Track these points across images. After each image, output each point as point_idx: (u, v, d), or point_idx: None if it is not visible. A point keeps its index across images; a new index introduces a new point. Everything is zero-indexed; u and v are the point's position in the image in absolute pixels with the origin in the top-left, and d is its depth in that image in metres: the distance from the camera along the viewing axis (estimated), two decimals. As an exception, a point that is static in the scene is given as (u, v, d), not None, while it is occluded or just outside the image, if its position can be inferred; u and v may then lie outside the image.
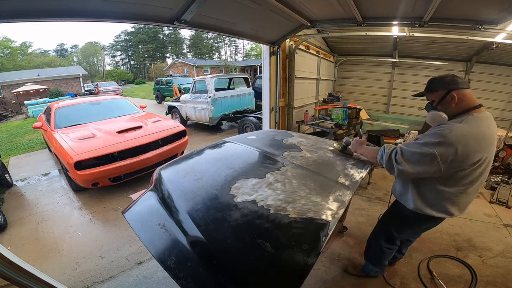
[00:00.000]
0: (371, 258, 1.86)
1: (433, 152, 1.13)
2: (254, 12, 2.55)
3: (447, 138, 1.12)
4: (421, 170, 1.19)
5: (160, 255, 0.94)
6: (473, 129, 1.14)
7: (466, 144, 1.12)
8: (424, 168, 1.18)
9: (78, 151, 3.15)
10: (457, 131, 1.13)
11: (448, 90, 1.22)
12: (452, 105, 1.23)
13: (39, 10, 1.46)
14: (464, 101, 1.21)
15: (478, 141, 1.14)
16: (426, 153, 1.15)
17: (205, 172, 1.40)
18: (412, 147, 1.21)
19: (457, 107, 1.22)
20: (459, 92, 1.21)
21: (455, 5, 2.26)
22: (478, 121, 1.17)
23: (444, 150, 1.12)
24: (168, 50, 61.99)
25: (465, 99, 1.21)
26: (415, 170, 1.20)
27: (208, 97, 6.34)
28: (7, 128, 10.33)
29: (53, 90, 19.94)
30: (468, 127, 1.14)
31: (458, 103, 1.21)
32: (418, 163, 1.18)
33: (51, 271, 2.16)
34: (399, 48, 5.72)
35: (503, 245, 2.31)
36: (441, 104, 1.27)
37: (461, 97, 1.21)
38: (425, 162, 1.16)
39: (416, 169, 1.19)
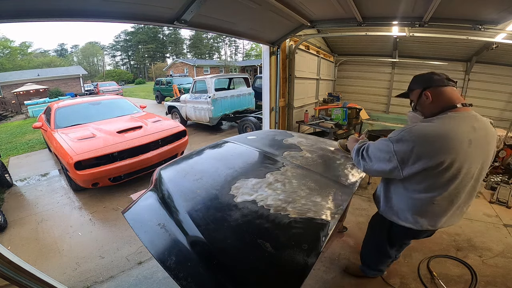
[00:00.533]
0: (367, 262, 1.85)
1: (391, 149, 1.08)
2: (254, 12, 2.55)
3: (405, 136, 1.05)
4: (380, 167, 1.14)
5: (160, 255, 0.94)
6: (437, 128, 1.03)
7: (423, 143, 1.02)
8: (382, 166, 1.13)
9: (78, 151, 3.15)
10: (417, 130, 1.04)
11: (422, 89, 1.14)
12: (427, 105, 1.14)
13: (39, 10, 1.46)
14: (441, 100, 1.10)
15: (440, 141, 1.01)
16: (385, 149, 1.11)
17: (205, 172, 1.40)
18: (377, 143, 1.18)
19: (433, 107, 1.12)
20: (435, 90, 1.11)
21: (455, 5, 2.26)
22: (449, 120, 1.04)
23: (400, 148, 1.06)
24: (168, 50, 62.00)
25: (442, 98, 1.10)
26: (375, 167, 1.15)
27: (208, 97, 6.34)
28: (7, 128, 10.33)
29: (53, 90, 19.93)
30: (431, 126, 1.04)
31: (434, 103, 1.11)
32: (377, 160, 1.14)
33: (51, 271, 2.16)
34: (399, 48, 5.72)
35: (503, 245, 2.31)
36: (418, 104, 1.20)
37: (437, 95, 1.11)
38: (384, 159, 1.12)
39: (376, 166, 1.15)
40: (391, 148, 1.08)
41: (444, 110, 1.08)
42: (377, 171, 1.16)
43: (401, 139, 1.06)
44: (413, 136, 1.04)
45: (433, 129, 1.02)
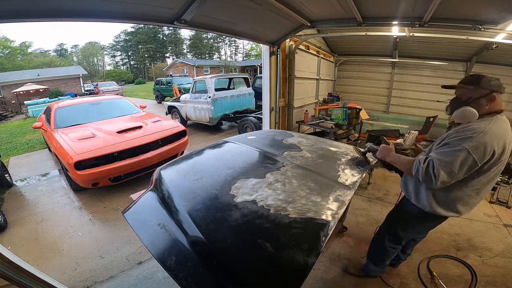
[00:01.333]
0: (373, 257, 1.86)
1: (471, 157, 1.16)
2: (254, 12, 2.55)
3: (481, 139, 1.16)
4: (462, 175, 1.22)
5: (160, 255, 0.94)
6: (500, 131, 1.21)
7: (497, 144, 1.17)
8: (464, 174, 1.21)
9: (78, 151, 3.15)
10: (489, 131, 1.18)
11: (491, 91, 1.26)
12: (487, 106, 1.27)
13: (39, 10, 1.46)
14: (497, 104, 1.28)
15: (504, 143, 1.20)
16: (464, 159, 1.17)
17: (205, 172, 1.40)
18: (447, 156, 1.20)
19: (490, 108, 1.27)
20: (498, 95, 1.28)
21: (455, 5, 2.26)
22: (502, 124, 1.24)
23: (480, 152, 1.16)
24: (168, 50, 61.99)
25: (498, 103, 1.28)
26: (458, 177, 1.22)
27: (208, 97, 6.34)
28: (7, 128, 10.33)
29: (53, 90, 19.92)
30: (497, 128, 1.20)
31: (493, 105, 1.27)
32: (459, 171, 1.19)
33: (51, 271, 2.16)
34: (399, 48, 5.72)
35: (503, 245, 2.31)
36: (477, 102, 1.28)
37: (497, 100, 1.27)
38: (465, 168, 1.19)
39: (459, 176, 1.21)
40: (472, 156, 1.16)
41: (495, 113, 1.27)
42: (460, 178, 1.24)
43: (478, 144, 1.16)
44: (488, 138, 1.17)
45: (499, 132, 1.20)
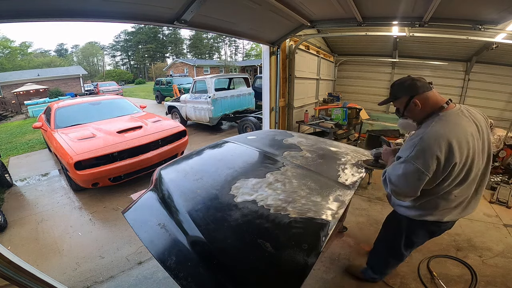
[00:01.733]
0: (373, 266, 1.82)
1: (415, 167, 1.08)
2: (254, 12, 2.55)
3: (421, 150, 1.07)
4: (415, 188, 1.13)
5: (160, 255, 0.94)
6: (443, 131, 1.08)
7: (439, 147, 1.06)
8: (416, 186, 1.12)
9: (78, 151, 3.15)
10: (426, 136, 1.09)
11: (410, 97, 1.20)
12: (418, 111, 1.19)
13: (39, 10, 1.46)
14: (429, 104, 1.18)
15: (448, 143, 1.06)
16: (410, 171, 1.10)
17: (205, 172, 1.40)
18: (396, 169, 1.16)
19: (422, 112, 1.19)
20: (421, 96, 1.18)
21: (455, 5, 2.26)
22: (447, 120, 1.12)
23: (422, 161, 1.07)
24: (168, 50, 61.98)
25: (429, 102, 1.18)
26: (410, 190, 1.14)
27: (208, 97, 6.34)
28: (7, 128, 10.33)
29: (53, 90, 19.92)
30: (439, 128, 1.09)
31: (424, 108, 1.18)
32: (413, 184, 1.12)
33: (51, 271, 2.16)
34: (399, 48, 5.72)
35: (503, 245, 2.31)
36: (407, 111, 1.24)
37: (424, 101, 1.18)
38: (413, 180, 1.11)
39: (410, 189, 1.14)
40: (415, 166, 1.08)
41: (434, 112, 1.17)
42: (416, 191, 1.15)
43: (420, 154, 1.08)
44: (428, 146, 1.07)
45: (441, 133, 1.08)
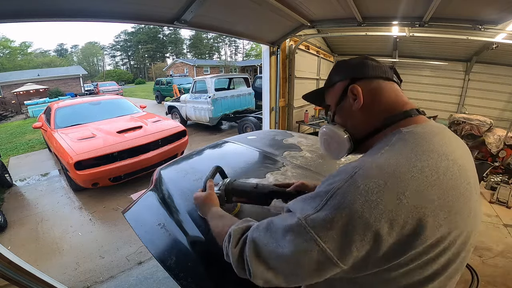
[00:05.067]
0: None
1: (313, 245, 0.42)
2: (254, 12, 2.55)
3: (343, 206, 0.41)
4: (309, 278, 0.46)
5: (160, 255, 0.94)
6: (403, 167, 0.43)
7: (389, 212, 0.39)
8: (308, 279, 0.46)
9: (78, 151, 3.15)
10: (365, 182, 0.42)
11: (349, 81, 0.60)
12: (357, 113, 0.58)
13: (39, 10, 1.46)
14: (382, 101, 0.57)
15: (420, 197, 0.41)
16: (299, 250, 0.43)
17: (205, 172, 1.40)
18: (273, 233, 0.48)
19: (367, 117, 0.58)
20: (368, 84, 0.58)
21: (455, 5, 2.26)
22: (413, 146, 0.47)
23: (339, 240, 0.41)
24: (168, 50, 62.04)
25: (382, 98, 0.57)
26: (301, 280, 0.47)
27: (208, 97, 6.34)
28: (7, 128, 10.33)
29: (53, 90, 19.93)
30: (389, 165, 0.44)
31: (369, 107, 0.57)
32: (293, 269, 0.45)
33: (51, 271, 2.16)
34: (399, 48, 5.72)
35: (503, 245, 2.31)
36: (340, 112, 0.63)
37: (372, 94, 0.57)
38: (305, 269, 0.44)
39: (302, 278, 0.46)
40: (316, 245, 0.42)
41: (388, 121, 0.55)
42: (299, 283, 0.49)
43: (332, 220, 0.41)
44: (358, 206, 0.40)
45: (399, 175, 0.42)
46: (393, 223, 0.39)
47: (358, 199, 0.40)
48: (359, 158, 0.51)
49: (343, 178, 0.44)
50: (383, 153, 0.47)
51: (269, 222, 0.51)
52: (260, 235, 0.50)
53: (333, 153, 0.66)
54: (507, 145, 3.76)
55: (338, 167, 0.51)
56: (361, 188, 0.41)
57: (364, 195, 0.40)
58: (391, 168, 0.43)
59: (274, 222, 0.50)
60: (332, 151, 0.66)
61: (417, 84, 6.19)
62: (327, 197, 0.43)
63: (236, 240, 0.55)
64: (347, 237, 0.40)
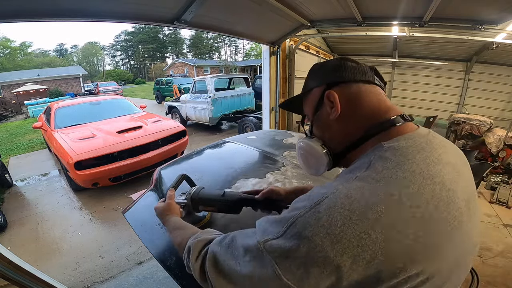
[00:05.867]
0: None
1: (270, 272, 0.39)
2: (254, 12, 2.55)
3: (305, 233, 0.37)
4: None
5: (161, 255, 0.94)
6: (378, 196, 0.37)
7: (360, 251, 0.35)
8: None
9: (78, 151, 3.15)
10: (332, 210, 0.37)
11: (325, 86, 0.54)
12: (333, 123, 0.53)
13: (39, 10, 1.46)
14: (362, 108, 0.51)
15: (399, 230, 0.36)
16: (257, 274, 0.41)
17: (205, 172, 1.40)
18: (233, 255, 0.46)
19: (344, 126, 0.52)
20: (347, 89, 0.52)
21: (455, 5, 2.26)
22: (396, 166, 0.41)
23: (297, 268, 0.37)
24: (168, 50, 62.06)
25: (362, 104, 0.51)
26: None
27: (208, 97, 6.35)
28: (7, 128, 10.33)
29: (53, 90, 19.94)
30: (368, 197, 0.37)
31: (348, 115, 0.51)
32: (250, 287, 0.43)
33: (51, 271, 2.16)
34: (399, 48, 5.72)
35: (503, 245, 2.31)
36: (317, 121, 0.58)
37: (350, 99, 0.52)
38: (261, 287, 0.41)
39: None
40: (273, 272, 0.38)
41: (370, 132, 0.49)
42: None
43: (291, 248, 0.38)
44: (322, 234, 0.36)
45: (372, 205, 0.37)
46: (357, 258, 0.35)
47: (319, 231, 0.36)
48: (333, 181, 0.46)
49: (307, 205, 0.40)
50: (357, 178, 0.41)
51: (232, 237, 0.49)
52: (221, 250, 0.48)
53: (312, 169, 0.61)
54: (507, 145, 3.76)
55: (314, 188, 0.46)
56: (323, 220, 0.37)
57: (326, 227, 0.36)
58: (363, 198, 0.37)
59: (237, 238, 0.48)
60: (311, 167, 0.61)
61: (417, 84, 6.20)
62: (287, 224, 0.40)
63: (196, 254, 0.54)
64: (306, 269, 0.36)
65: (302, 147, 0.61)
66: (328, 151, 0.55)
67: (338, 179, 0.46)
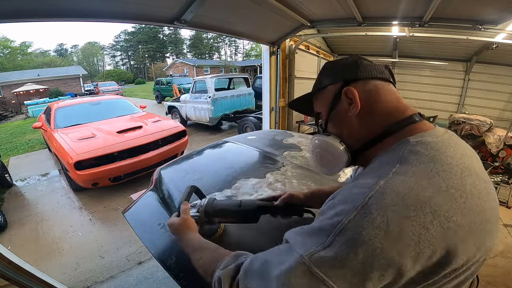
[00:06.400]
0: None
1: None
2: (254, 12, 2.55)
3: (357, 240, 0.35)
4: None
5: (161, 255, 0.94)
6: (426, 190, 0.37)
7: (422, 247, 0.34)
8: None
9: (78, 151, 3.15)
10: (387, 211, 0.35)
11: (342, 83, 0.54)
12: (352, 118, 0.52)
13: (39, 10, 1.46)
14: (380, 105, 0.51)
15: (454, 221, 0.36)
16: None
17: (205, 172, 1.40)
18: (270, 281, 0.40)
19: (365, 122, 0.52)
20: (364, 85, 0.52)
21: (455, 5, 2.26)
22: (430, 160, 0.40)
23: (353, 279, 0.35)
24: (168, 50, 62.07)
25: (381, 101, 0.51)
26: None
27: (208, 97, 6.34)
28: (7, 128, 10.33)
29: (53, 90, 19.94)
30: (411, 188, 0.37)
31: (367, 112, 0.51)
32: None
33: (51, 271, 2.16)
34: (399, 48, 5.72)
35: (503, 245, 2.31)
36: (334, 119, 0.56)
37: (370, 96, 0.51)
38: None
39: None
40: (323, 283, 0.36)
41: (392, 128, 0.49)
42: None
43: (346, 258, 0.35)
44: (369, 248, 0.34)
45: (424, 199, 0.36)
46: (419, 255, 0.34)
47: (377, 233, 0.34)
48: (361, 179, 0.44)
49: (351, 208, 0.37)
50: (395, 173, 0.39)
51: (262, 262, 0.44)
52: (254, 282, 0.43)
53: (327, 168, 0.59)
54: (507, 145, 3.76)
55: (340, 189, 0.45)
56: (378, 221, 0.35)
57: (383, 229, 0.34)
58: (413, 192, 0.36)
59: (269, 261, 0.43)
60: (327, 166, 0.58)
61: (417, 84, 6.19)
62: (335, 231, 0.37)
63: (228, 286, 0.48)
64: (363, 275, 0.35)
65: (318, 145, 0.58)
66: (346, 147, 0.54)
67: (370, 177, 0.42)
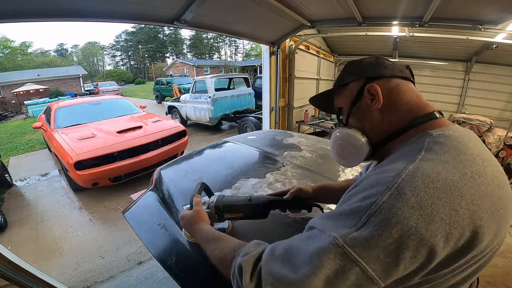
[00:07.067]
0: None
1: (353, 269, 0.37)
2: (254, 12, 2.55)
3: (392, 220, 0.36)
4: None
5: (161, 255, 0.94)
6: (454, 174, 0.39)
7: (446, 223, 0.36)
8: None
9: (78, 151, 3.15)
10: (418, 190, 0.37)
11: (365, 80, 0.57)
12: (374, 112, 0.55)
13: (39, 10, 1.46)
14: (402, 102, 0.54)
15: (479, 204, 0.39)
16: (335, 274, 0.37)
17: (205, 172, 1.40)
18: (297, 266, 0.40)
19: (387, 117, 0.55)
20: (386, 83, 0.55)
21: (455, 5, 2.26)
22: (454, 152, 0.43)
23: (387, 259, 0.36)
24: (168, 50, 62.09)
25: (403, 98, 0.54)
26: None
27: (208, 97, 6.35)
28: (7, 128, 10.33)
29: (53, 90, 19.94)
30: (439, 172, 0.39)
31: (390, 107, 0.54)
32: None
33: (51, 271, 2.16)
34: (399, 48, 5.72)
35: (503, 245, 2.27)
36: (355, 113, 0.59)
37: (392, 93, 0.55)
38: None
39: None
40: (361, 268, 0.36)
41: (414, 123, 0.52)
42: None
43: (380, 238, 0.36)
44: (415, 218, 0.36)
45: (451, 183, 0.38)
46: (450, 236, 0.36)
47: (412, 213, 0.36)
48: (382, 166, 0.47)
49: (383, 190, 0.39)
50: (422, 159, 0.41)
51: (286, 248, 0.44)
52: (278, 266, 0.42)
53: (348, 160, 0.61)
54: (507, 145, 3.76)
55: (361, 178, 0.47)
56: (412, 201, 0.36)
57: (417, 209, 0.36)
58: (442, 176, 0.38)
59: (295, 246, 0.43)
60: (348, 157, 0.61)
61: (417, 84, 5.82)
62: (368, 212, 0.38)
63: (249, 275, 0.46)
64: (396, 255, 0.36)
65: (340, 137, 0.61)
66: (367, 140, 0.57)
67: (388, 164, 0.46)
